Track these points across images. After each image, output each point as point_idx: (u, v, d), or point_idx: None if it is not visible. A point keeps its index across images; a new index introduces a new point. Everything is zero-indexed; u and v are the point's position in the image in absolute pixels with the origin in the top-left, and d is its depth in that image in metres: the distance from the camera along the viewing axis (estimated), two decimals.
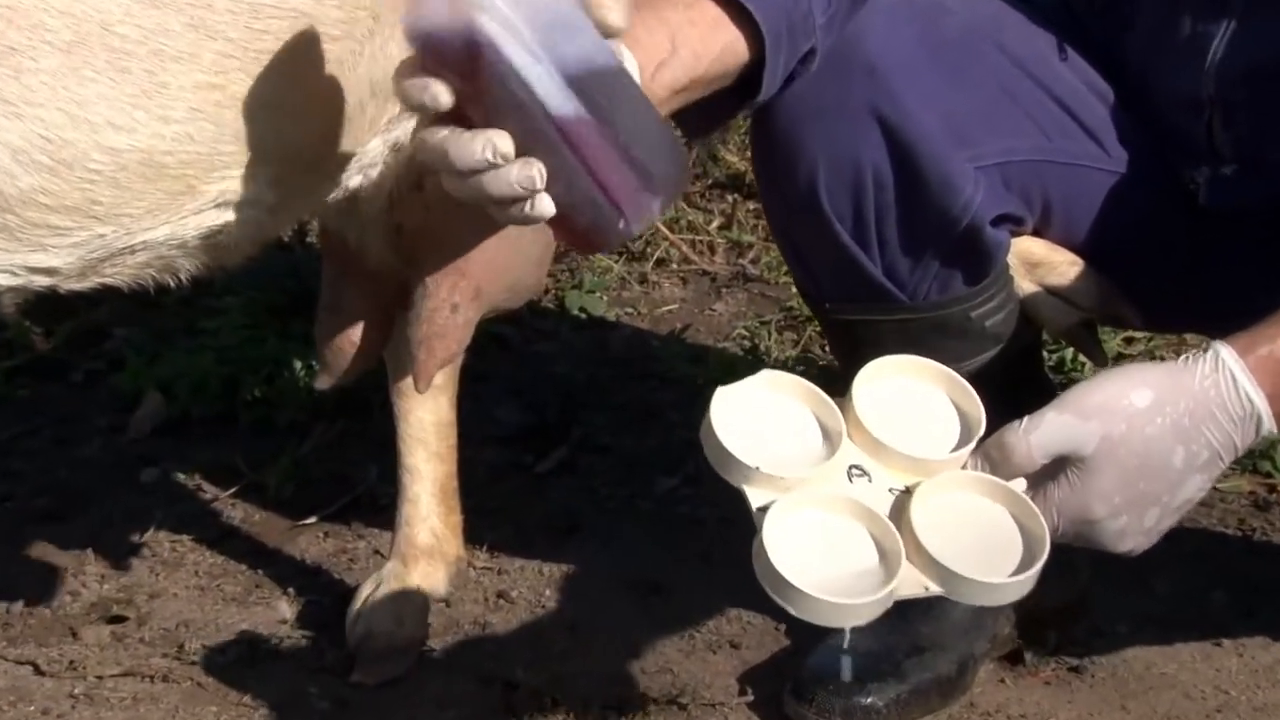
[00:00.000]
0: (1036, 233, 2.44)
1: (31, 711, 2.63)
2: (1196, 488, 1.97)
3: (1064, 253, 2.43)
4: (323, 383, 2.67)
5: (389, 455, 2.79)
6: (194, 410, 3.24)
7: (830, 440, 1.93)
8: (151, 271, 2.27)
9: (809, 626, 1.91)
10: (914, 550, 1.88)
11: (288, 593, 2.88)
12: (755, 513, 1.87)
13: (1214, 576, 2.82)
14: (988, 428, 1.97)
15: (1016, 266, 2.43)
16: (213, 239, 2.26)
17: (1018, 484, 1.94)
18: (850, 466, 1.92)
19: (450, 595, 2.81)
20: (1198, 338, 3.16)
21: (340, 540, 2.99)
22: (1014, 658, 2.69)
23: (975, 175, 2.31)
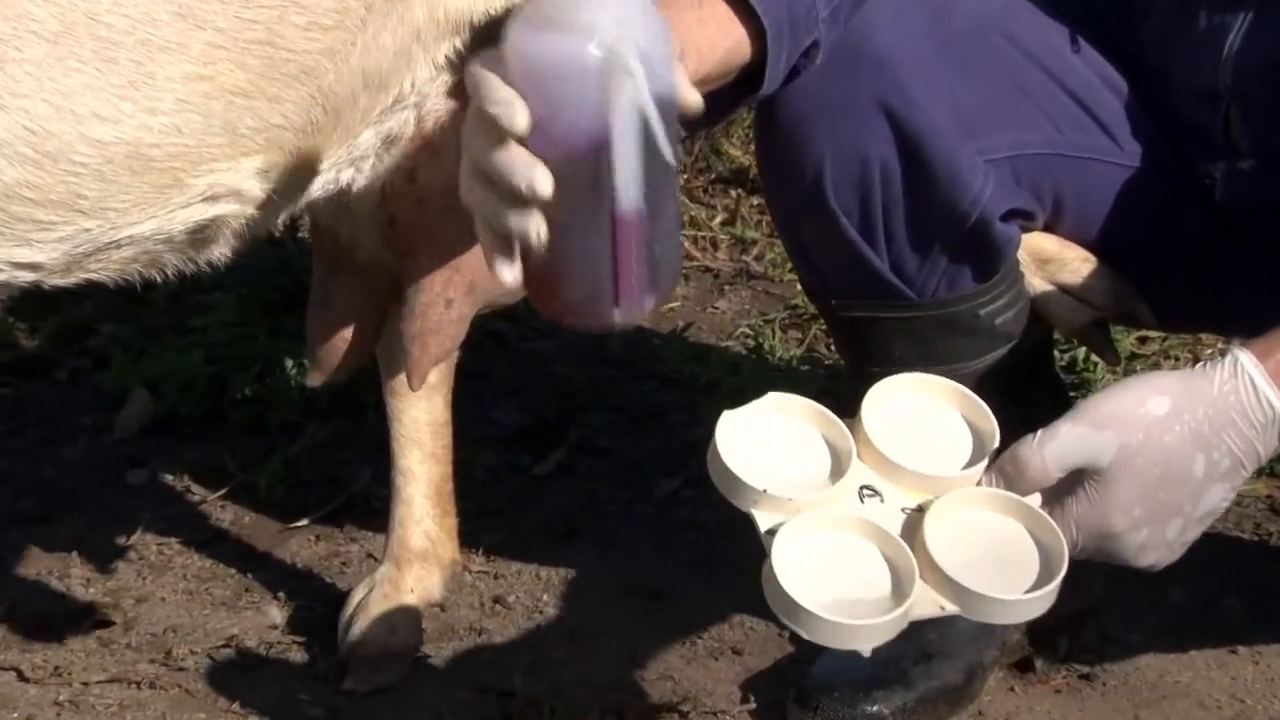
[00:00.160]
0: (1048, 228, 2.43)
1: (15, 719, 2.62)
2: (1219, 497, 1.96)
3: (1076, 249, 2.43)
4: (314, 381, 2.67)
5: (382, 456, 2.79)
6: (182, 409, 3.25)
7: (840, 461, 1.93)
8: (138, 267, 2.27)
9: None
10: (928, 569, 1.87)
11: (278, 597, 2.88)
12: (764, 536, 1.86)
13: (1229, 582, 2.82)
14: (999, 434, 1.97)
15: (1027, 263, 2.43)
16: (201, 233, 2.27)
17: (1033, 499, 1.93)
18: (861, 487, 1.92)
19: (445, 600, 2.80)
20: (1213, 337, 3.20)
21: (332, 543, 2.99)
22: (1024, 665, 2.68)
23: (985, 169, 2.31)
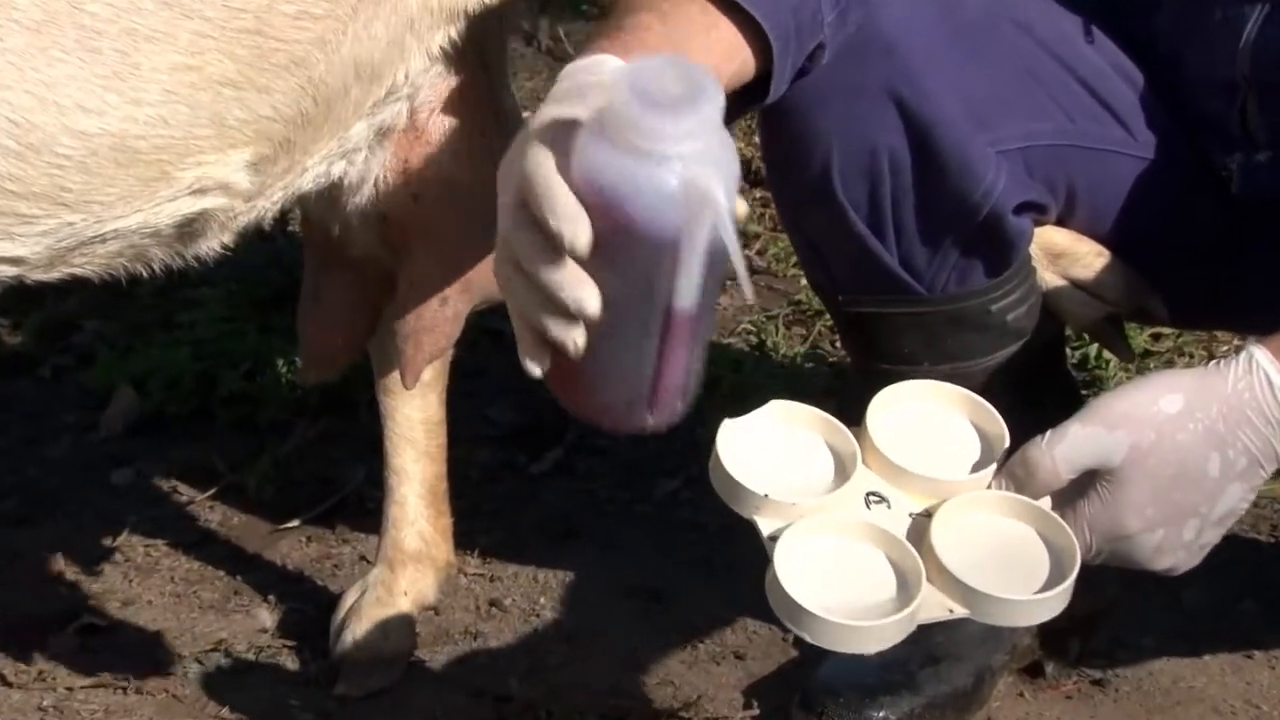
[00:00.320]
0: (1060, 222, 2.43)
1: None
2: (1237, 498, 1.95)
3: (1089, 243, 2.42)
4: (306, 379, 2.68)
5: (375, 455, 2.79)
6: (169, 407, 3.24)
7: (844, 467, 1.93)
8: (124, 261, 2.27)
9: None
10: (935, 571, 1.87)
11: (268, 600, 2.87)
12: (766, 541, 1.87)
13: (1245, 584, 2.82)
14: (1009, 433, 1.97)
15: (1039, 257, 2.42)
16: (188, 227, 2.27)
17: (1043, 503, 1.93)
18: (868, 493, 1.92)
19: (440, 603, 2.80)
20: (1228, 334, 3.20)
21: (324, 545, 2.99)
22: (1034, 670, 2.68)
23: (997, 160, 2.30)
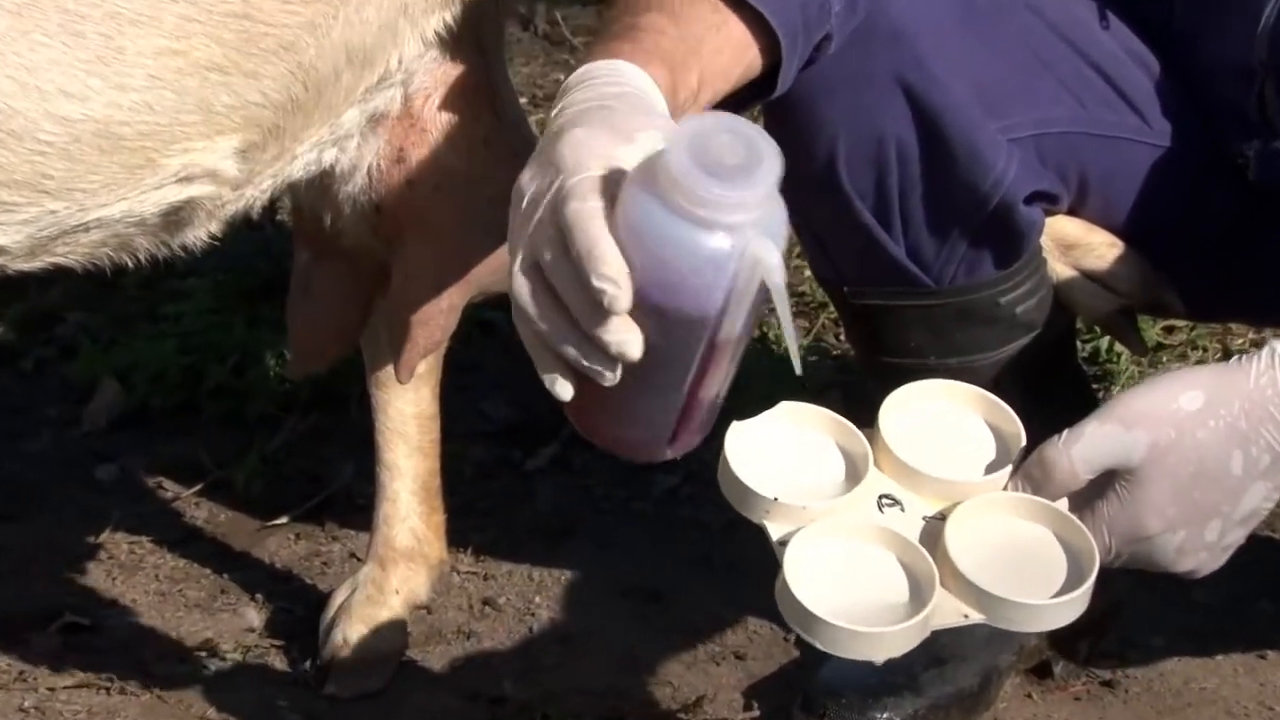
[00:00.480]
0: (1072, 212, 2.42)
1: None
2: (1261, 496, 1.95)
3: (1102, 233, 2.42)
4: (295, 372, 2.69)
5: (366, 451, 2.78)
6: (154, 401, 3.23)
7: (856, 469, 1.93)
8: (108, 251, 2.28)
9: None
10: (950, 575, 1.87)
11: (256, 599, 2.87)
12: (775, 546, 1.87)
13: (1259, 584, 2.81)
14: (1025, 436, 1.96)
15: (1050, 248, 2.42)
16: (174, 216, 2.27)
17: (1060, 504, 1.92)
18: (880, 496, 1.92)
19: (432, 602, 2.80)
20: (1244, 327, 3.19)
21: (313, 542, 2.98)
22: (1042, 671, 2.68)
23: (1007, 148, 2.30)
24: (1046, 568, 1.89)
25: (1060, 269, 2.42)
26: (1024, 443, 1.95)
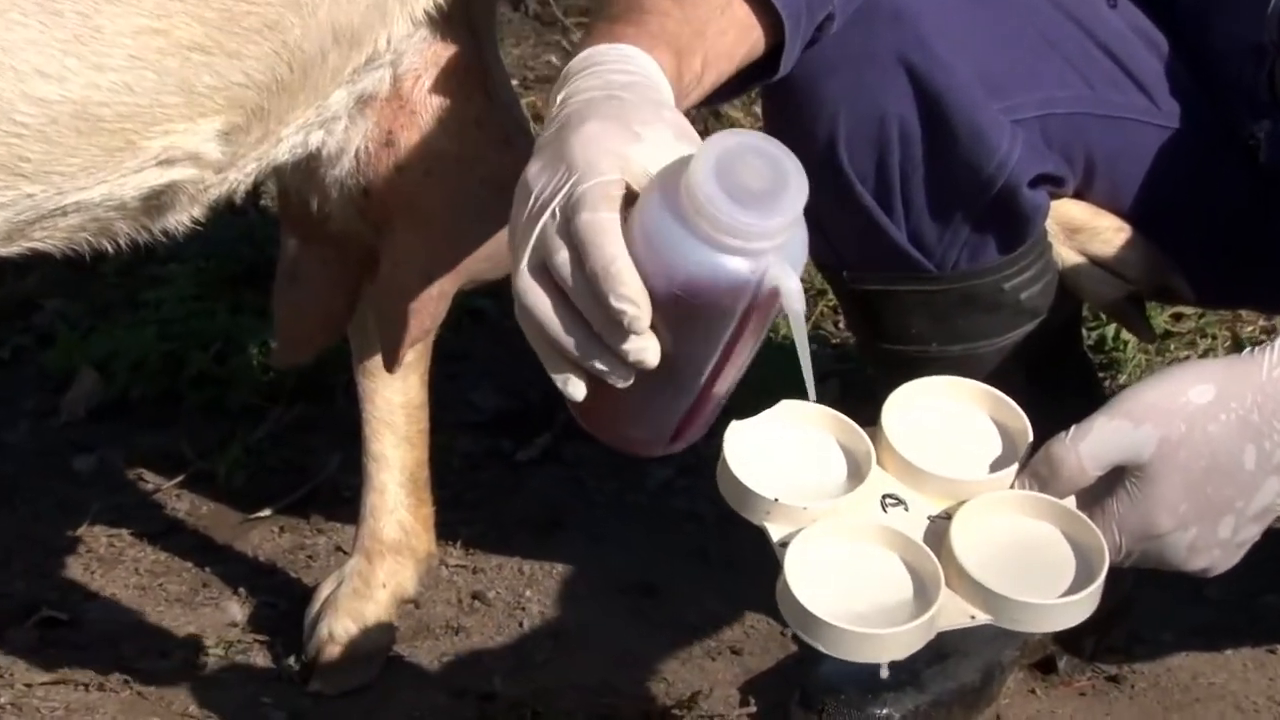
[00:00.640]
0: (1078, 195, 2.42)
1: None
2: (1276, 492, 1.94)
3: (1108, 217, 2.42)
4: (280, 361, 2.70)
5: (352, 441, 2.78)
6: (134, 391, 3.23)
7: (859, 469, 1.93)
8: (87, 236, 2.27)
9: None
10: (955, 576, 1.87)
11: (238, 593, 2.87)
12: (776, 547, 1.86)
13: (1268, 578, 2.80)
14: (1032, 432, 1.95)
15: (1056, 233, 2.42)
16: (155, 200, 2.26)
17: (1068, 502, 1.92)
18: (884, 496, 1.91)
19: (420, 596, 2.80)
20: (1254, 314, 3.19)
21: (298, 535, 2.98)
22: (1046, 666, 2.69)
23: (1012, 129, 2.30)
24: (1054, 567, 1.89)
25: (1066, 254, 2.42)
26: (1030, 439, 1.95)
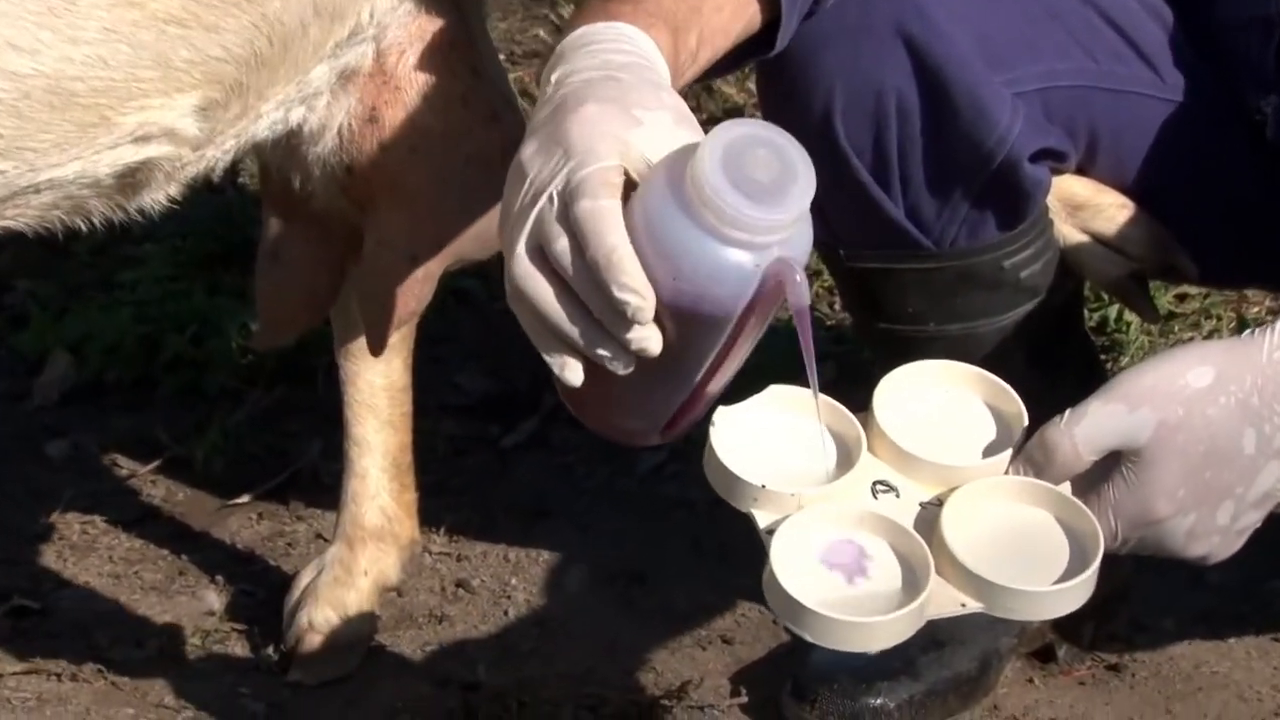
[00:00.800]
0: (1081, 171, 2.42)
1: None
2: (1276, 477, 1.94)
3: (1112, 194, 2.42)
4: (261, 342, 2.70)
5: (333, 426, 2.78)
6: (108, 374, 3.24)
7: (850, 455, 1.93)
8: (60, 214, 2.27)
9: None
10: (946, 563, 1.87)
11: (216, 581, 2.87)
12: (763, 534, 1.87)
13: (1272, 564, 2.80)
14: (1027, 416, 1.96)
15: (1057, 209, 2.42)
16: (130, 178, 2.26)
17: (1064, 488, 1.92)
18: (875, 482, 1.92)
19: (403, 584, 2.80)
20: (1260, 294, 3.19)
21: (277, 522, 2.98)
22: (1044, 655, 2.69)
23: (1013, 103, 2.30)
24: (1048, 554, 1.89)
25: (1067, 231, 2.42)
26: (1026, 424, 1.95)
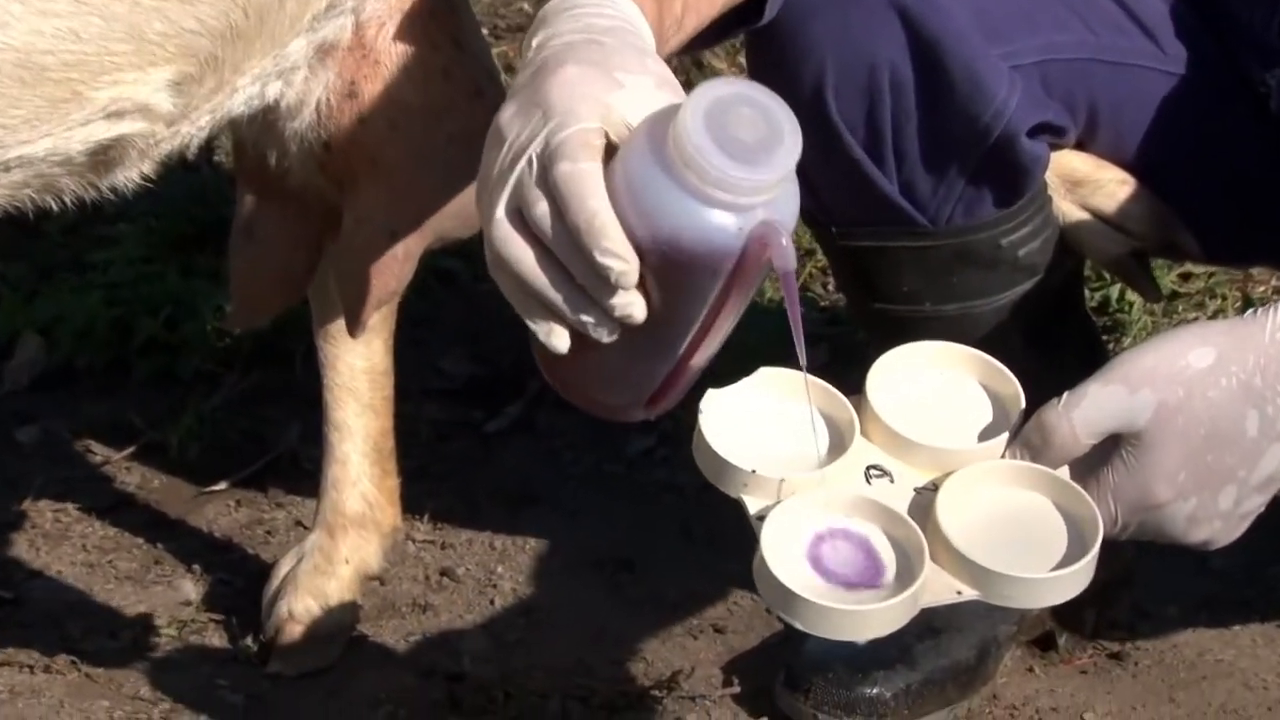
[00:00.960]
0: (1080, 146, 2.42)
1: None
2: None
3: (1112, 169, 2.42)
4: (235, 323, 2.69)
5: (312, 410, 2.78)
6: (80, 358, 3.23)
7: (842, 439, 1.93)
8: (30, 193, 2.26)
9: None
10: (941, 550, 1.87)
11: (192, 570, 2.87)
12: (753, 521, 1.87)
13: (1278, 549, 2.81)
14: (1024, 399, 1.96)
15: (1056, 186, 2.42)
16: (103, 155, 2.26)
17: (1061, 472, 1.92)
18: (868, 467, 1.92)
19: (385, 572, 2.80)
20: (1266, 273, 3.19)
21: (255, 509, 2.98)
22: (1045, 643, 2.69)
23: (1010, 76, 2.30)
24: (1046, 540, 1.89)
25: (1067, 208, 2.42)
26: (1023, 407, 1.95)
